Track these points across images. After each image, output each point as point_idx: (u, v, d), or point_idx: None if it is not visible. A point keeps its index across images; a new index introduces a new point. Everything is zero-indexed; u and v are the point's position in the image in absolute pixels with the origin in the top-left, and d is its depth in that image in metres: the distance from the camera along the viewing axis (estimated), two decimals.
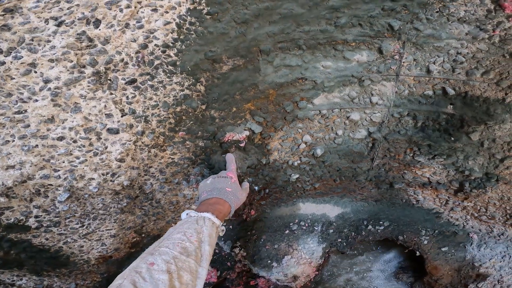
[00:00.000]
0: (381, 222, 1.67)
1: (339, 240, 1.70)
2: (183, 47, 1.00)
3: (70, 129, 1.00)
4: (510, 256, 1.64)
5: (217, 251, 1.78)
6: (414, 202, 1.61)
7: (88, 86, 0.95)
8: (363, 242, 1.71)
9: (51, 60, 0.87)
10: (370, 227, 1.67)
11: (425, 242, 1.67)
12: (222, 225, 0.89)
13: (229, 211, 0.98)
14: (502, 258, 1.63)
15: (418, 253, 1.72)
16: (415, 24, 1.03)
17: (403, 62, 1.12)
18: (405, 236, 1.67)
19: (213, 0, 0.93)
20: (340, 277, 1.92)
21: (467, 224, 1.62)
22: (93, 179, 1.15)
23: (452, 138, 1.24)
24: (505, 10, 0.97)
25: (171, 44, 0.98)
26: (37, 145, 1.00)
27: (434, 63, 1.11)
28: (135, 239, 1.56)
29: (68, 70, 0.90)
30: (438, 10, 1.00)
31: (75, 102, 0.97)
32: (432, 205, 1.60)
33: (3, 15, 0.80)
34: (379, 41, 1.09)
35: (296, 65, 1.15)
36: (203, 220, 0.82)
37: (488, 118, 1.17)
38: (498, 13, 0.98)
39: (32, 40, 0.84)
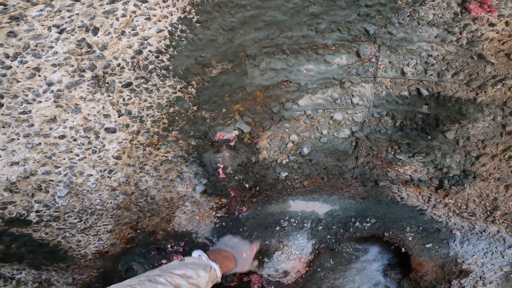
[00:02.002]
0: (368, 219, 1.75)
1: (328, 236, 1.77)
2: (175, 52, 1.09)
3: (71, 128, 1.09)
4: (492, 253, 1.70)
5: (211, 247, 1.84)
6: (399, 200, 1.69)
7: (88, 88, 1.04)
8: (351, 238, 1.79)
9: (54, 65, 0.97)
10: (357, 224, 1.74)
11: (410, 238, 1.74)
12: (220, 277, 0.96)
13: (230, 270, 1.05)
14: (484, 254, 1.70)
15: (403, 250, 1.79)
16: (389, 28, 1.12)
17: (380, 65, 1.22)
18: (390, 232, 1.74)
19: (202, 9, 1.03)
20: None
21: (449, 221, 1.70)
22: (91, 175, 1.23)
23: (429, 137, 1.33)
24: (471, 13, 1.05)
25: (164, 50, 1.07)
26: (40, 143, 1.09)
27: (407, 65, 1.20)
28: (130, 235, 1.63)
29: (69, 74, 0.99)
30: (409, 14, 1.09)
31: (76, 104, 1.05)
32: (416, 202, 1.68)
33: (9, 22, 0.89)
34: (356, 45, 1.18)
35: (281, 68, 1.24)
36: (210, 268, 0.90)
37: (461, 117, 1.25)
38: (465, 16, 1.07)
39: (36, 46, 0.93)
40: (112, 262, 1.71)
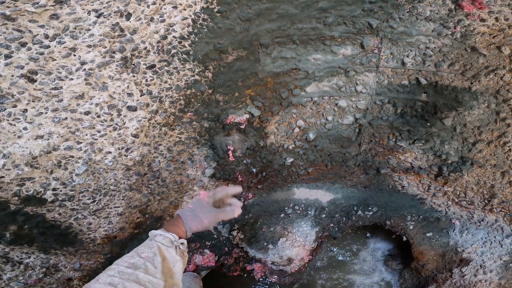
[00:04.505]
0: (369, 208, 1.93)
1: (331, 225, 1.95)
2: (196, 39, 1.29)
3: (96, 105, 1.27)
4: (491, 242, 1.89)
5: (215, 236, 2.01)
6: (400, 188, 1.88)
7: (116, 68, 1.22)
8: (353, 227, 1.96)
9: (89, 46, 1.15)
10: (360, 212, 1.93)
11: (411, 227, 1.93)
12: (180, 238, 0.96)
13: (183, 233, 0.99)
14: (483, 244, 1.89)
15: (404, 238, 1.98)
16: (390, 22, 1.34)
17: (382, 56, 1.43)
18: (392, 221, 1.93)
19: (222, 0, 1.23)
20: None
21: (449, 210, 1.89)
22: (109, 152, 1.40)
23: (428, 124, 1.53)
24: (463, 9, 1.27)
25: (186, 36, 1.27)
26: (66, 118, 1.26)
27: (407, 56, 1.42)
28: (139, 220, 1.78)
29: (101, 55, 1.18)
30: (408, 10, 1.31)
31: (104, 82, 1.24)
32: (416, 191, 1.87)
33: (53, 5, 1.07)
34: (361, 37, 1.40)
35: (291, 57, 1.44)
36: (154, 236, 0.95)
37: (458, 105, 1.46)
38: (458, 12, 1.29)
39: (75, 28, 1.12)
40: (119, 248, 1.85)
